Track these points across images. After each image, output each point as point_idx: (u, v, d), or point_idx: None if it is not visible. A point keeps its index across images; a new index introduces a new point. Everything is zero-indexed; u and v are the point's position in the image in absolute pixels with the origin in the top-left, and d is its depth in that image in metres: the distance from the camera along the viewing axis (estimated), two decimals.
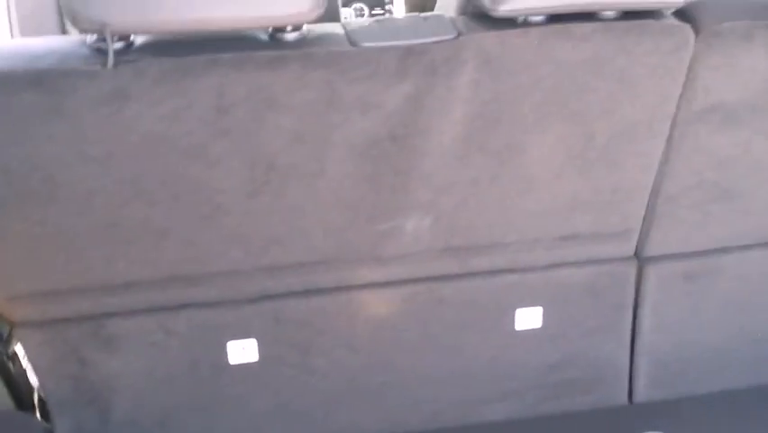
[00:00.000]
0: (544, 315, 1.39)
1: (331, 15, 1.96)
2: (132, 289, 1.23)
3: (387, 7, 2.94)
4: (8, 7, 1.43)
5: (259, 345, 1.32)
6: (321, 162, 1.14)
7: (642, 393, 1.49)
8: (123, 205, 1.12)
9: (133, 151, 1.07)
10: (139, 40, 1.04)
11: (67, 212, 1.11)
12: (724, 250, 1.38)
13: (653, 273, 1.38)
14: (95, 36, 1.02)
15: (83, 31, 0.99)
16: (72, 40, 1.05)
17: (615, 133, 1.19)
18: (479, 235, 1.29)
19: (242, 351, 1.32)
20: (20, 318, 1.24)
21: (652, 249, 1.37)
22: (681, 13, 1.15)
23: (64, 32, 1.05)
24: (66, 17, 0.99)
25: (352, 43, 1.07)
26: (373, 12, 2.92)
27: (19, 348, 1.30)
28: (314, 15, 1.02)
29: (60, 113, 1.01)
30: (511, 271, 1.35)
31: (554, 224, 1.30)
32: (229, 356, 1.32)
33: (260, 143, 1.10)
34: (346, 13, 2.75)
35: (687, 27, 1.13)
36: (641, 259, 1.38)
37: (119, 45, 1.02)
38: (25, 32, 1.45)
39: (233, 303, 1.27)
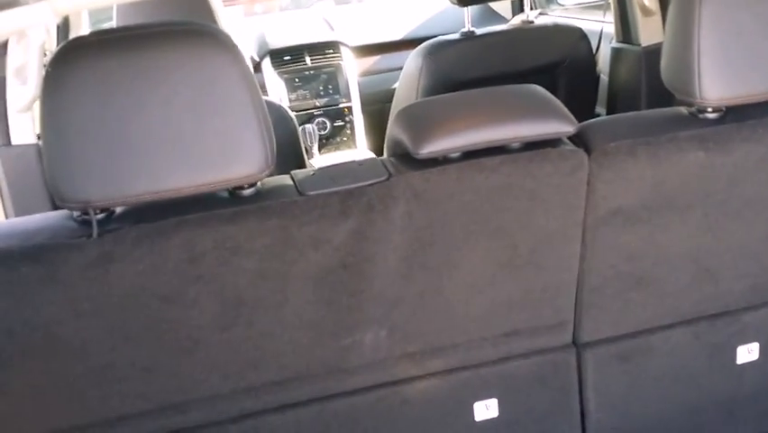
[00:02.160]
0: (499, 405, 1.52)
1: (289, 136, 2.16)
2: (125, 421, 1.35)
3: (347, 119, 3.15)
4: (0, 189, 1.60)
5: None
6: (284, 293, 1.30)
7: None
8: (113, 349, 1.27)
9: (119, 302, 1.22)
10: (118, 208, 1.21)
11: (65, 361, 1.25)
12: (650, 331, 1.54)
13: (590, 358, 1.53)
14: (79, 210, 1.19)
15: (69, 208, 1.16)
16: (60, 215, 1.21)
17: (534, 242, 1.37)
18: (430, 340, 1.45)
19: None
20: None
21: (586, 336, 1.52)
22: (577, 137, 1.34)
23: (54, 205, 1.22)
24: (53, 196, 1.15)
25: (300, 192, 1.25)
26: (335, 124, 3.13)
27: None
28: (264, 175, 1.19)
29: (55, 280, 1.16)
30: (465, 368, 1.49)
31: (496, 323, 1.46)
32: None
33: (229, 284, 1.26)
34: (309, 128, 2.95)
35: (580, 151, 1.32)
36: (578, 346, 1.53)
37: (101, 216, 1.18)
38: (18, 209, 1.62)
39: (217, 425, 1.39)
